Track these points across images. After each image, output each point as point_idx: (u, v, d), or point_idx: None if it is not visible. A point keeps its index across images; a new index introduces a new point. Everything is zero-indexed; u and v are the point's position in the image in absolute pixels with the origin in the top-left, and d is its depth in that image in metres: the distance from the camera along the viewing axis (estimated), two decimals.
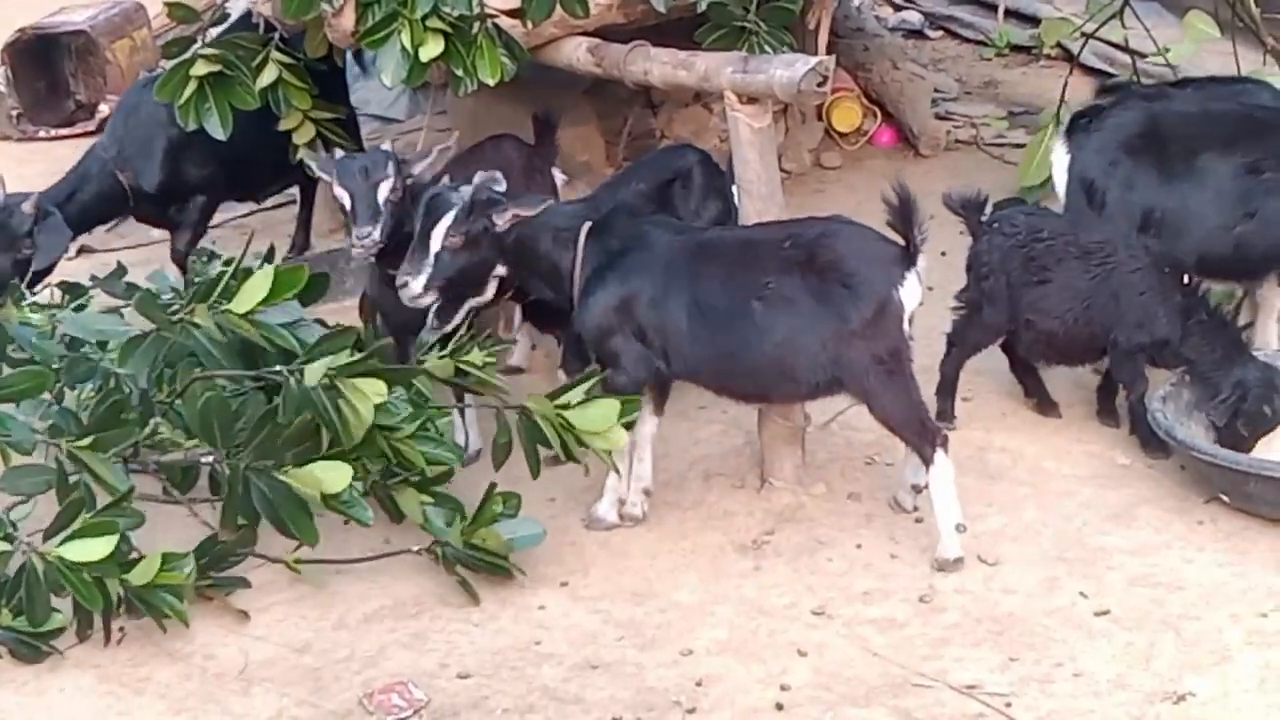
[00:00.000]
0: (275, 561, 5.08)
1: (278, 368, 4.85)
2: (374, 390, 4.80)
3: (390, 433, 4.95)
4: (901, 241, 4.96)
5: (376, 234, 5.37)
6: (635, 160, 6.57)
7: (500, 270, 5.23)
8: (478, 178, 5.15)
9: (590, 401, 5.03)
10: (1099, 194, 5.86)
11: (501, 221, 5.09)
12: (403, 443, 4.98)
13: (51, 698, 4.62)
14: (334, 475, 4.77)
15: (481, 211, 5.08)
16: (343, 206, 5.49)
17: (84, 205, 6.57)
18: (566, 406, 5.02)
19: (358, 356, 4.82)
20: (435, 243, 5.07)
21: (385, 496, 5.09)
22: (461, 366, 5.20)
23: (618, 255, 5.12)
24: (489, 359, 5.23)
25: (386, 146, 5.66)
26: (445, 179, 5.45)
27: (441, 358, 5.19)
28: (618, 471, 5.26)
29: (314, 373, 4.75)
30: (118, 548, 4.65)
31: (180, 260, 6.81)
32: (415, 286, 5.08)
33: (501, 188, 5.20)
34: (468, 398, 5.57)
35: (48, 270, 6.39)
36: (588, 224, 5.18)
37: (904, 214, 4.91)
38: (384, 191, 5.42)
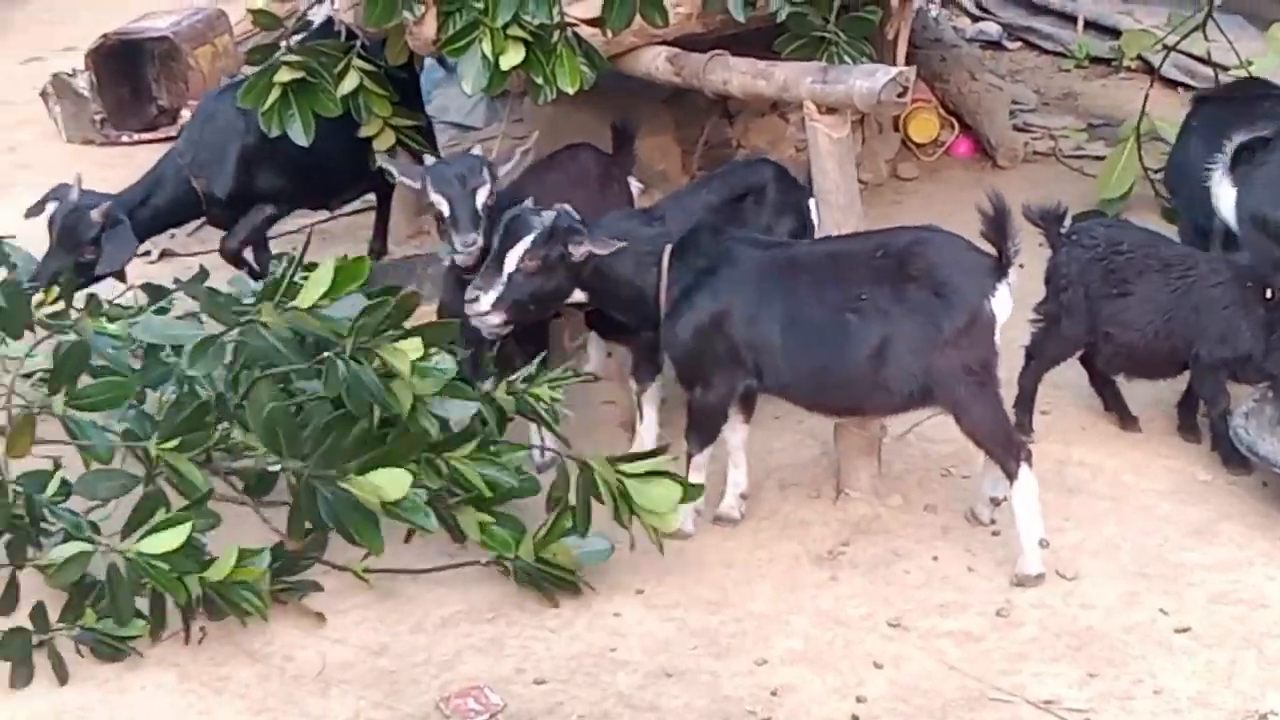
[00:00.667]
0: (345, 570, 5.11)
1: (325, 354, 4.88)
2: (411, 348, 4.83)
3: (449, 451, 4.98)
4: (993, 251, 4.94)
5: (480, 239, 5.37)
6: (708, 173, 6.54)
7: (579, 296, 5.25)
8: (557, 207, 5.15)
9: (653, 478, 4.98)
10: (1275, 227, 5.78)
11: (578, 253, 5.09)
12: (460, 462, 5.00)
13: (133, 695, 4.66)
14: (393, 483, 4.79)
15: (560, 239, 5.08)
16: (440, 214, 5.47)
17: (157, 209, 6.65)
18: (628, 475, 4.97)
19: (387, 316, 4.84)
20: (510, 263, 5.08)
21: (447, 514, 5.10)
22: (527, 400, 5.21)
23: (706, 274, 5.12)
24: (555, 395, 5.22)
25: (478, 151, 5.66)
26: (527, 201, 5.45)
27: (509, 391, 5.18)
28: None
29: (349, 342, 4.80)
30: (190, 539, 4.69)
31: (231, 256, 6.86)
32: (484, 303, 5.09)
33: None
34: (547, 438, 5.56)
35: (119, 275, 6.46)
36: (669, 246, 5.19)
37: (997, 224, 4.88)
38: (482, 197, 5.44)
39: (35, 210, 6.43)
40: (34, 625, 4.74)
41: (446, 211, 5.43)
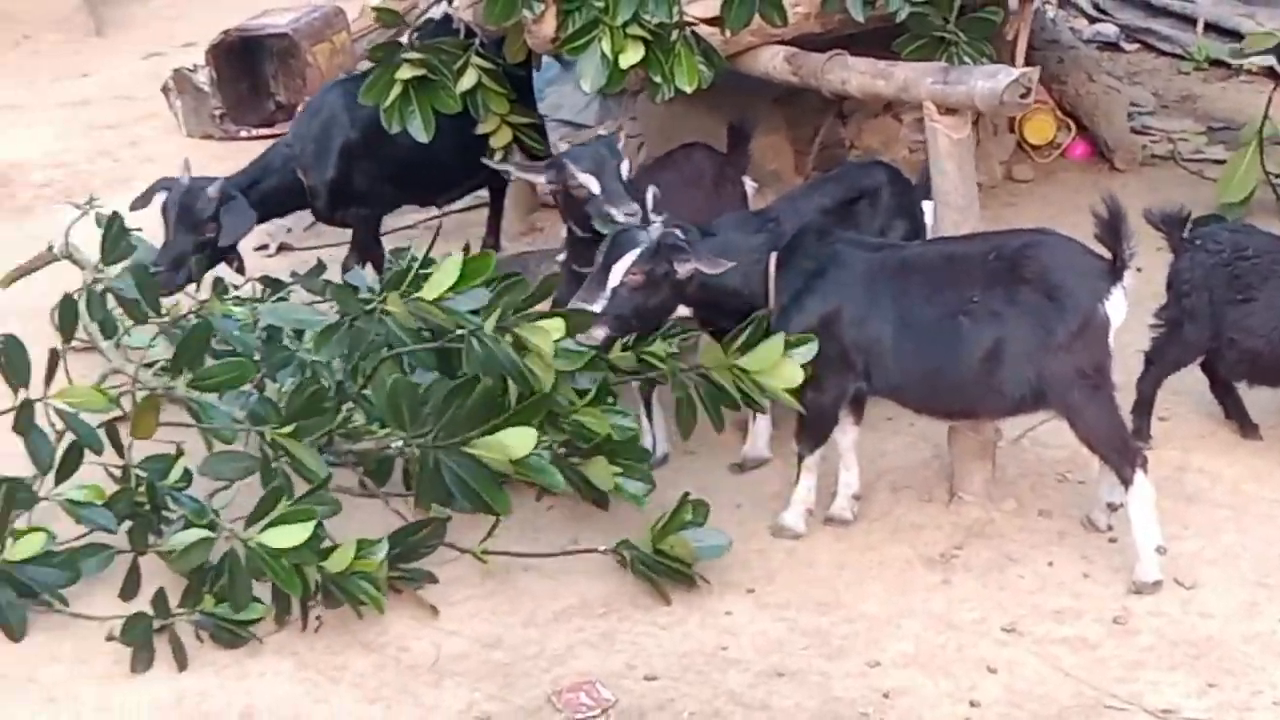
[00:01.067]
0: (464, 552, 5.15)
1: (459, 332, 4.93)
2: (553, 327, 4.89)
3: (571, 405, 5.04)
4: (1108, 255, 4.89)
5: (637, 207, 5.37)
6: (822, 174, 6.51)
7: (683, 311, 5.25)
8: (660, 223, 5.14)
9: (755, 343, 5.07)
10: None
11: (683, 271, 5.08)
12: (583, 412, 5.04)
13: (251, 682, 4.73)
14: (519, 441, 4.84)
15: (666, 255, 5.08)
16: (589, 195, 5.44)
17: (263, 195, 6.71)
18: (737, 355, 5.09)
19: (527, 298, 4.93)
20: (614, 277, 5.07)
21: (574, 473, 5.14)
22: (644, 357, 5.26)
23: (815, 276, 5.11)
24: (671, 350, 5.27)
25: (604, 131, 5.67)
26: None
27: (625, 349, 5.23)
28: (797, 479, 5.28)
29: (490, 322, 4.85)
30: (315, 534, 4.76)
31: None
32: (594, 308, 5.05)
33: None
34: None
35: (232, 250, 6.54)
36: (774, 253, 5.17)
37: (1113, 227, 4.83)
38: (625, 171, 5.47)
39: (141, 202, 6.51)
40: (155, 611, 4.82)
41: (597, 189, 5.42)
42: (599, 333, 5.09)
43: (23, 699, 4.68)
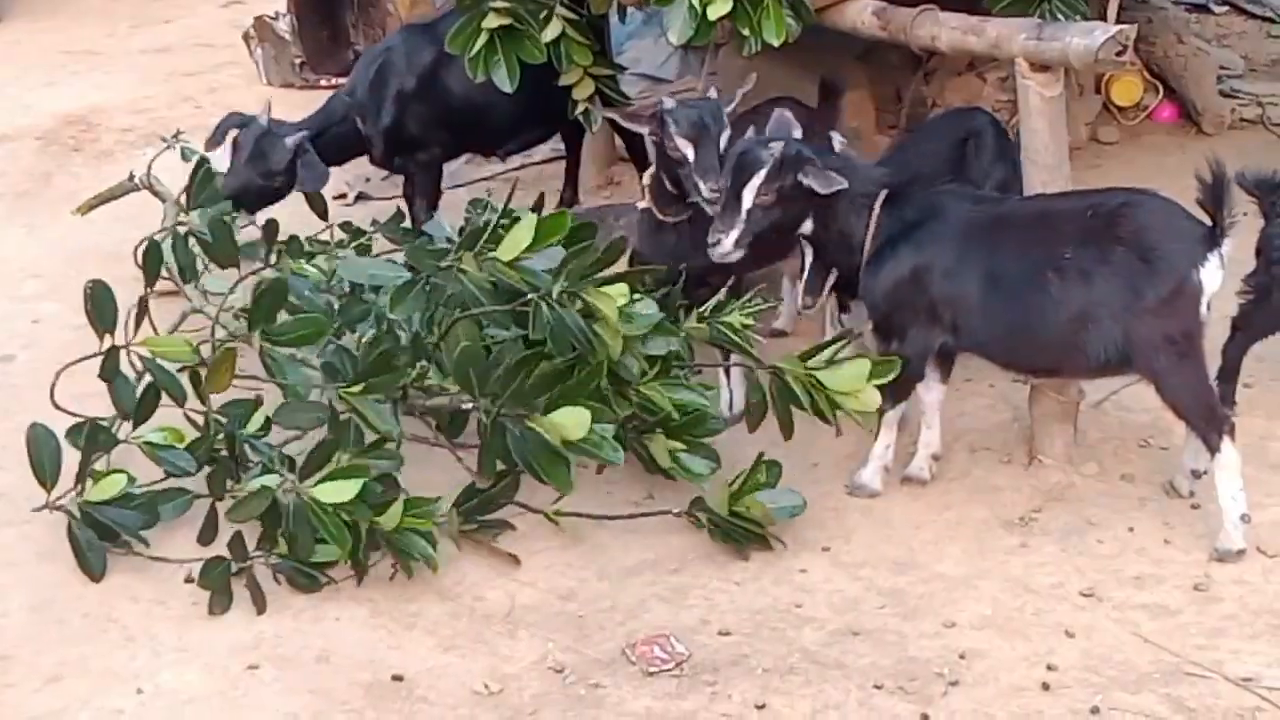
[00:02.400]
0: (536, 512, 5.16)
1: (527, 295, 4.91)
2: (617, 292, 4.88)
3: (642, 374, 5.03)
4: (1206, 220, 4.80)
5: (725, 183, 5.31)
6: (924, 122, 6.49)
7: (807, 228, 5.19)
8: (778, 124, 5.11)
9: (842, 362, 5.02)
10: None
11: (811, 181, 5.01)
12: (647, 387, 5.02)
13: (326, 625, 4.76)
14: (575, 421, 4.83)
15: (792, 168, 5.02)
16: (684, 158, 5.45)
17: (328, 144, 6.72)
18: (818, 367, 5.01)
19: (594, 262, 4.91)
20: (747, 199, 5.03)
21: (639, 446, 5.12)
22: (719, 328, 5.23)
23: (913, 226, 5.06)
24: (746, 322, 5.24)
25: (713, 94, 5.65)
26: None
27: (701, 318, 5.21)
28: (876, 435, 5.22)
29: (556, 287, 4.84)
30: (366, 488, 4.76)
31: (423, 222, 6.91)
32: (727, 244, 5.05)
33: (798, 133, 5.17)
34: (732, 357, 5.56)
35: (321, 212, 6.54)
36: (885, 191, 5.12)
37: (1215, 192, 4.74)
38: (723, 142, 5.45)
39: (215, 140, 6.53)
40: (232, 555, 4.85)
41: (691, 156, 5.42)
42: (737, 255, 5.09)
43: (102, 638, 4.72)
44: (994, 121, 5.94)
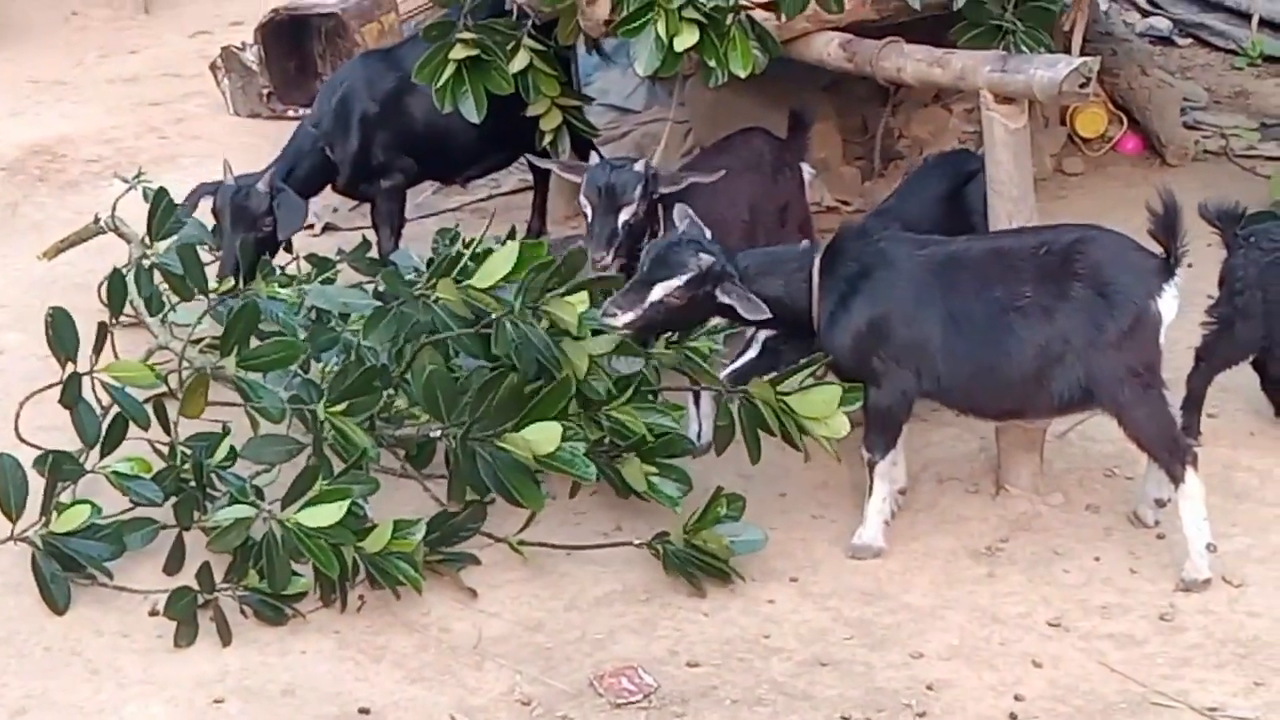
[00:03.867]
0: (500, 541, 5.14)
1: (492, 315, 4.92)
2: (578, 299, 4.90)
3: (609, 403, 5.03)
4: (1159, 251, 4.84)
5: (609, 258, 5.43)
6: (917, 169, 6.51)
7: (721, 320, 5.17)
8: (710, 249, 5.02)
9: (810, 388, 5.00)
10: None
11: (726, 298, 4.95)
12: (620, 410, 5.02)
13: (293, 659, 4.73)
14: (544, 435, 4.82)
15: (712, 281, 4.93)
16: (585, 215, 5.52)
17: (302, 179, 6.71)
18: (788, 392, 5.00)
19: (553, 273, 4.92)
20: (656, 294, 4.93)
21: (610, 470, 5.13)
22: (687, 354, 5.23)
23: (859, 279, 4.99)
24: (714, 347, 5.24)
25: (639, 168, 5.59)
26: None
27: (669, 344, 5.21)
28: (870, 491, 5.15)
29: (518, 302, 4.87)
30: (350, 513, 4.75)
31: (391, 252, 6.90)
32: (619, 321, 4.94)
33: (709, 232, 5.10)
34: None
35: (286, 245, 6.54)
36: (817, 257, 5.07)
37: (1168, 223, 4.78)
38: (624, 215, 5.48)
39: (188, 208, 6.41)
40: (199, 585, 4.82)
41: (589, 217, 5.51)
42: (627, 332, 4.98)
43: (65, 671, 4.69)
44: (982, 160, 5.87)
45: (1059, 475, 5.49)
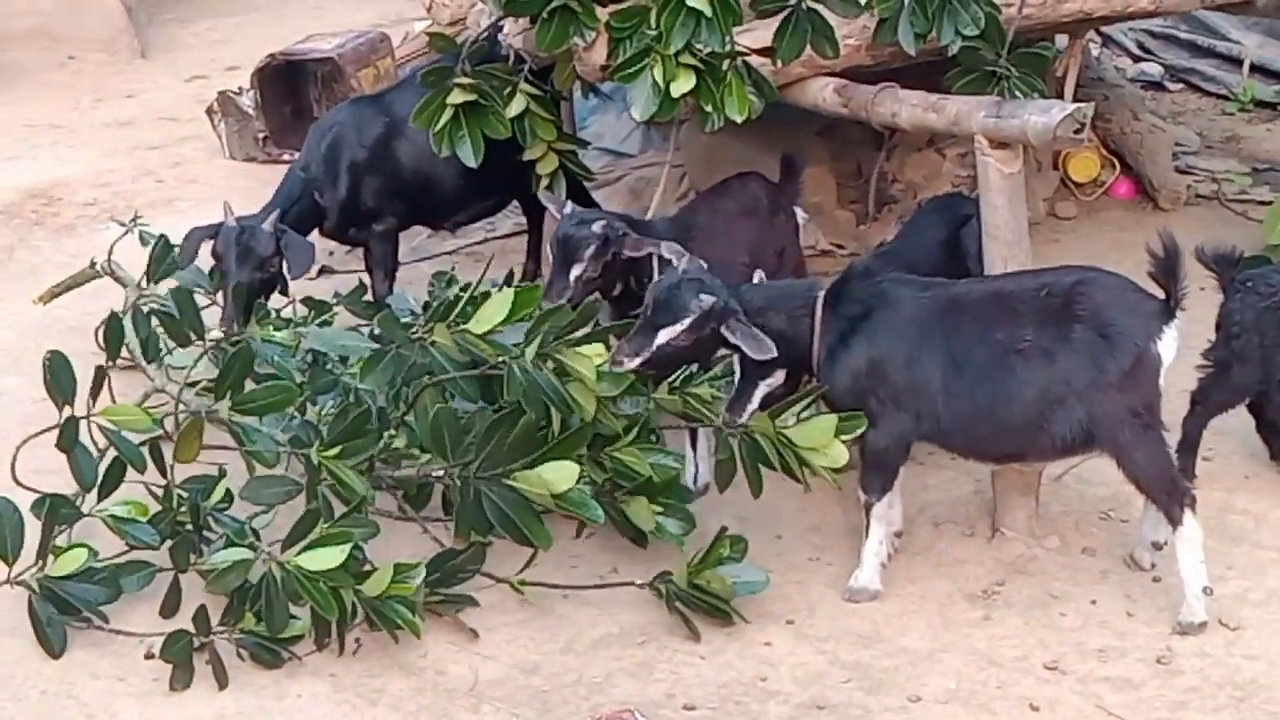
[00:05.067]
0: (502, 582, 5.15)
1: (500, 358, 4.93)
2: (594, 352, 4.91)
3: (611, 445, 5.05)
4: (1158, 293, 4.86)
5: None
6: (914, 214, 6.55)
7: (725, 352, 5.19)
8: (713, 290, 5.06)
9: (808, 419, 5.02)
10: None
11: (733, 338, 4.99)
12: (624, 451, 5.03)
13: (289, 703, 4.72)
14: (561, 474, 4.86)
15: (716, 320, 4.98)
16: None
17: (293, 222, 6.67)
18: (786, 425, 5.02)
19: (568, 324, 4.95)
20: (662, 338, 4.99)
21: (615, 510, 5.14)
22: (689, 399, 5.25)
23: (861, 319, 5.03)
24: (716, 394, 5.26)
25: (598, 229, 5.59)
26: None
27: (672, 389, 5.23)
28: (866, 533, 5.15)
29: (530, 350, 4.88)
30: (351, 556, 4.77)
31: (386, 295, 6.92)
32: (627, 366, 5.00)
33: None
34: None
35: (283, 288, 6.54)
36: (822, 293, 5.11)
37: (1168, 266, 4.80)
38: (575, 271, 5.53)
39: (189, 256, 6.39)
40: (195, 629, 4.82)
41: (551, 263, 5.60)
42: (628, 369, 5.04)
43: (61, 715, 4.69)
44: (978, 205, 5.91)
45: (1055, 518, 5.50)
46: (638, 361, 5.01)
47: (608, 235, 5.56)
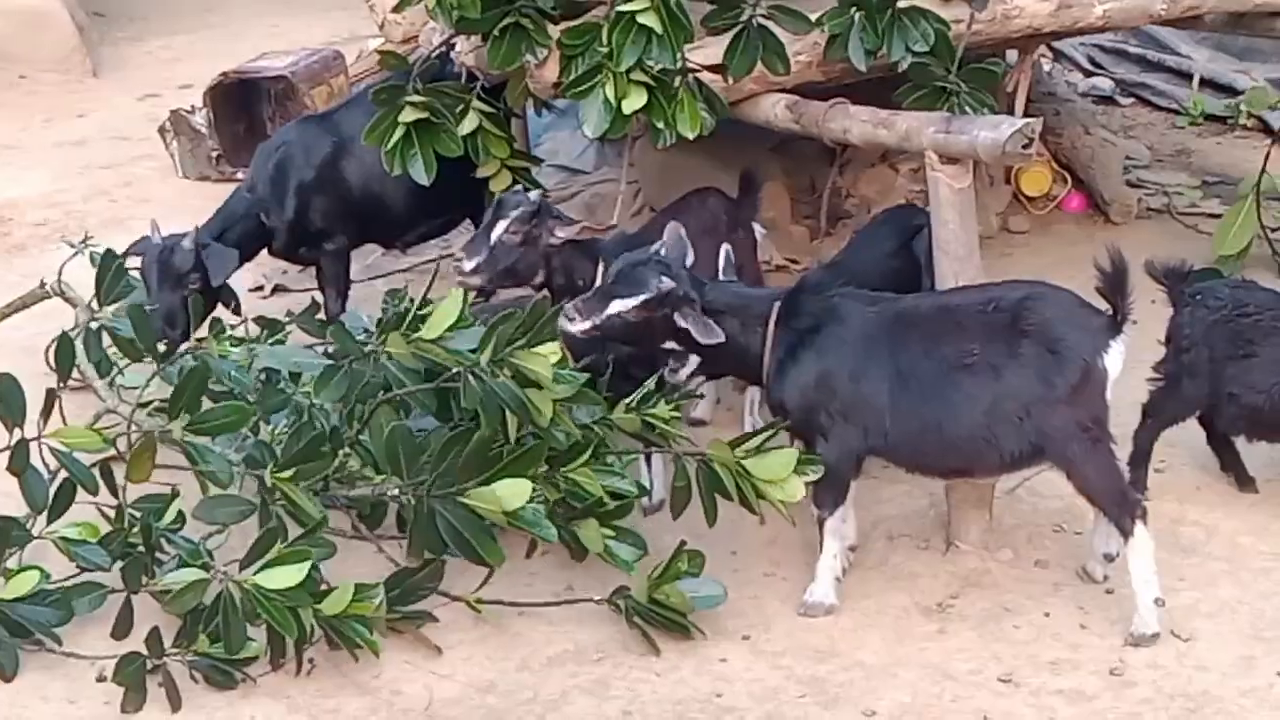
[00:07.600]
0: (458, 600, 5.13)
1: (456, 368, 4.93)
2: (549, 351, 4.91)
3: (565, 465, 5.03)
4: (1105, 307, 4.89)
5: (469, 266, 5.56)
6: (865, 225, 6.59)
7: (672, 345, 5.19)
8: (673, 241, 5.16)
9: (768, 451, 5.02)
10: None
11: (683, 322, 5.02)
12: (577, 472, 5.03)
13: None
14: (514, 492, 4.84)
15: (672, 305, 5.03)
16: None
17: (231, 244, 6.64)
18: (745, 455, 5.03)
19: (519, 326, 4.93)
20: (613, 308, 5.05)
21: (566, 531, 5.13)
22: (648, 419, 5.25)
23: (809, 333, 5.05)
24: (674, 413, 5.26)
25: (534, 196, 5.69)
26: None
27: (629, 410, 5.22)
28: (820, 547, 5.16)
29: (485, 356, 4.87)
30: (310, 576, 4.74)
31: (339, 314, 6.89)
32: (575, 328, 5.06)
33: (690, 256, 5.20)
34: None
35: (228, 291, 6.51)
36: (777, 304, 5.13)
37: (1115, 281, 4.84)
38: (496, 231, 5.57)
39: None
40: (148, 650, 4.78)
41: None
42: (583, 336, 5.10)
43: None
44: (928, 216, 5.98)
45: (1008, 531, 5.52)
46: (586, 325, 5.05)
47: (541, 206, 5.60)
